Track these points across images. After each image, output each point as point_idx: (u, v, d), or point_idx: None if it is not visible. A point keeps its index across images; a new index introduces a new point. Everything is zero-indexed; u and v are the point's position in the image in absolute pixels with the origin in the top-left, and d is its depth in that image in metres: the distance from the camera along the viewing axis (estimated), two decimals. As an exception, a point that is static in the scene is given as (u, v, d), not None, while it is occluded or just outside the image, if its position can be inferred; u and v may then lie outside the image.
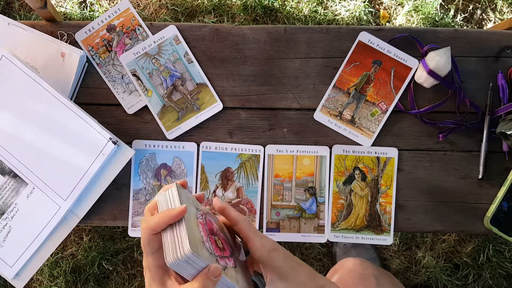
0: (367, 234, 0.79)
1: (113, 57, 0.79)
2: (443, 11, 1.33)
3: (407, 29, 0.79)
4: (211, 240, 0.47)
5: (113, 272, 1.31)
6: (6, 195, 0.74)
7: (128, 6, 0.79)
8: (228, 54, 0.79)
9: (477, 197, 0.79)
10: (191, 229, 0.44)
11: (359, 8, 1.31)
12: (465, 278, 1.31)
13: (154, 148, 0.78)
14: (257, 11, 1.30)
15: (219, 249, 0.47)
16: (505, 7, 1.36)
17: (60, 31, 0.78)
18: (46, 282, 1.29)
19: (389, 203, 0.79)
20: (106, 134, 0.72)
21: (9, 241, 0.73)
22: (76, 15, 1.32)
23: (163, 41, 0.78)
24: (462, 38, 0.79)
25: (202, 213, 0.50)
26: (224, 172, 0.79)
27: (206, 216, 0.50)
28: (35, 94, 0.72)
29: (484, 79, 0.79)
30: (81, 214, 0.74)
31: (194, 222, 0.46)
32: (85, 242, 1.30)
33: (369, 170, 0.79)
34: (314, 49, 0.79)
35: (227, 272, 0.46)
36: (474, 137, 0.79)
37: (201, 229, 0.47)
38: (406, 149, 0.79)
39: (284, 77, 0.79)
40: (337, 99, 0.79)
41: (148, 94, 0.78)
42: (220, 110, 0.79)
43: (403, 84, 0.78)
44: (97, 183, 0.74)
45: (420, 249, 1.32)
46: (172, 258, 0.42)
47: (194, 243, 0.43)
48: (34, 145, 0.72)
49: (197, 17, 1.32)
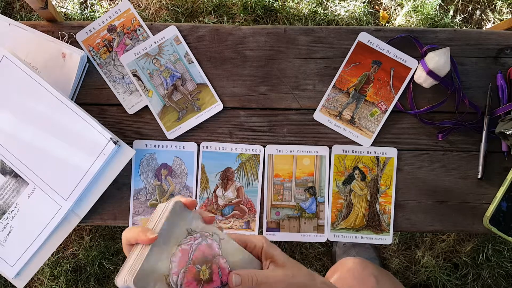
0: (367, 233, 0.79)
1: (114, 58, 0.79)
2: (442, 12, 1.34)
3: (406, 30, 0.80)
4: (189, 271, 0.45)
5: (114, 272, 1.32)
6: (7, 195, 0.74)
7: (129, 7, 0.79)
8: (228, 55, 0.79)
9: (476, 197, 0.79)
10: (155, 259, 0.43)
11: (359, 9, 1.32)
12: (465, 277, 1.32)
13: (154, 148, 0.79)
14: (257, 12, 1.30)
15: (197, 282, 0.45)
16: (504, 8, 1.36)
17: (61, 31, 0.79)
18: (47, 282, 1.30)
19: (388, 203, 0.79)
20: (107, 134, 0.72)
21: (10, 241, 0.74)
22: (77, 16, 1.32)
23: (163, 42, 0.79)
24: (462, 39, 0.80)
25: (195, 238, 0.47)
26: (224, 172, 0.79)
27: (204, 239, 0.48)
28: (36, 94, 0.72)
29: (483, 79, 0.79)
30: (82, 213, 0.75)
31: (168, 252, 0.44)
32: (86, 242, 1.30)
33: (369, 170, 0.79)
34: (314, 49, 0.80)
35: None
36: (473, 137, 0.79)
37: (177, 259, 0.45)
38: (406, 149, 0.80)
39: (284, 77, 0.80)
40: (337, 99, 0.79)
41: (149, 94, 0.79)
42: (220, 110, 0.79)
43: (403, 84, 0.79)
44: (98, 183, 0.74)
45: (419, 248, 1.32)
46: (119, 279, 0.43)
47: (143, 277, 0.41)
48: (35, 145, 0.73)
49: (197, 17, 1.32)
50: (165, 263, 0.44)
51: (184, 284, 0.45)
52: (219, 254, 0.48)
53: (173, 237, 0.45)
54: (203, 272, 0.46)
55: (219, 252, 0.48)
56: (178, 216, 0.46)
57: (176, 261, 0.45)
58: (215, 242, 0.48)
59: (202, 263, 0.47)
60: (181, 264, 0.45)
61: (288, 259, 0.50)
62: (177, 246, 0.45)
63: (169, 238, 0.45)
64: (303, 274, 0.49)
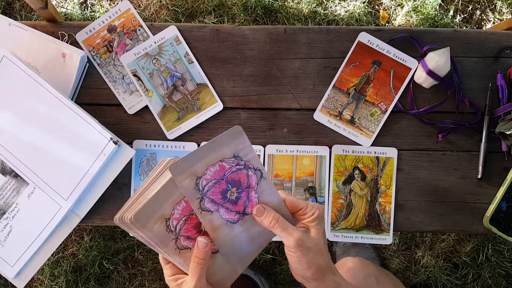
0: (367, 233, 0.79)
1: (114, 58, 0.79)
2: (442, 12, 1.34)
3: (406, 30, 0.80)
4: (190, 220, 0.49)
5: (114, 272, 1.32)
6: (7, 195, 0.74)
7: (129, 7, 0.80)
8: (228, 55, 0.79)
9: (476, 197, 0.79)
10: (158, 204, 0.46)
11: (359, 9, 1.32)
12: (465, 277, 1.32)
13: (154, 148, 0.79)
14: (257, 12, 1.30)
15: (196, 231, 0.49)
16: (504, 8, 1.36)
17: (61, 31, 0.79)
18: (47, 282, 1.30)
19: (388, 203, 0.79)
20: (107, 134, 0.72)
21: (10, 241, 0.74)
22: (77, 16, 1.32)
23: (163, 42, 0.79)
24: (462, 39, 0.80)
25: (238, 163, 0.50)
26: (224, 172, 0.79)
27: (246, 169, 0.50)
28: (36, 94, 0.72)
29: (483, 79, 0.79)
30: (82, 213, 0.75)
31: (173, 200, 0.47)
32: (86, 242, 1.30)
33: (369, 170, 0.79)
34: (314, 49, 0.80)
35: (186, 253, 0.49)
36: (473, 137, 0.79)
37: (181, 208, 0.48)
38: (406, 149, 0.80)
39: (284, 77, 0.80)
40: (337, 99, 0.79)
41: (149, 94, 0.79)
42: (220, 110, 0.79)
43: (403, 84, 0.79)
44: (98, 183, 0.74)
45: (419, 248, 1.32)
46: (117, 216, 0.47)
47: (143, 215, 0.45)
48: (35, 145, 0.73)
49: (197, 17, 1.32)
50: (166, 209, 0.47)
51: (184, 229, 0.48)
52: (254, 188, 0.51)
53: (175, 189, 0.47)
54: (231, 192, 0.50)
55: (254, 186, 0.51)
56: (233, 137, 0.48)
57: (180, 209, 0.48)
58: (255, 176, 0.51)
59: (234, 185, 0.49)
60: (183, 213, 0.48)
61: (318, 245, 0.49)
62: (218, 161, 0.48)
63: (171, 189, 0.47)
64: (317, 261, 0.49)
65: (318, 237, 0.49)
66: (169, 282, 0.52)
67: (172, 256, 0.49)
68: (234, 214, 0.50)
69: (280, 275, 1.31)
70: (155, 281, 1.31)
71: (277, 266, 1.31)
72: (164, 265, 0.53)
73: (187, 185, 0.46)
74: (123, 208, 0.48)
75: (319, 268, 0.49)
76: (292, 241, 0.48)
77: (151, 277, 1.31)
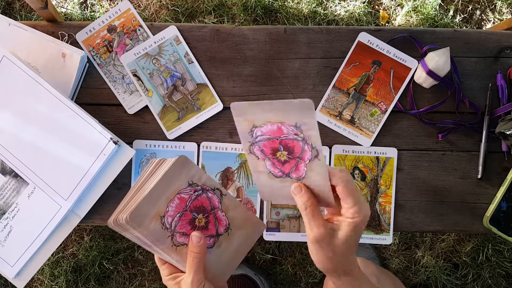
0: (367, 233, 0.79)
1: (114, 58, 0.79)
2: (442, 12, 1.34)
3: (406, 30, 0.80)
4: (185, 216, 0.50)
5: (114, 272, 1.32)
6: (7, 195, 0.74)
7: (129, 7, 0.80)
8: (228, 55, 0.79)
9: (476, 197, 0.79)
10: (152, 202, 0.47)
11: (359, 9, 1.32)
12: (465, 277, 1.32)
13: (154, 148, 0.79)
14: (257, 12, 1.30)
15: (191, 227, 0.51)
16: (504, 8, 1.36)
17: (61, 31, 0.79)
18: (47, 282, 1.30)
19: (388, 203, 0.79)
20: (107, 134, 0.72)
21: (10, 241, 0.74)
22: (77, 16, 1.32)
23: (163, 42, 0.79)
24: (461, 39, 0.80)
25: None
26: (224, 172, 0.79)
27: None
28: (36, 94, 0.72)
29: (483, 79, 0.79)
30: (82, 213, 0.75)
31: (166, 197, 0.49)
32: (86, 242, 1.30)
33: (369, 170, 0.79)
34: (314, 49, 0.80)
35: (182, 250, 0.50)
36: (473, 137, 0.79)
37: (174, 205, 0.49)
38: (406, 149, 0.80)
39: (284, 77, 0.80)
40: (337, 99, 0.79)
41: (149, 94, 0.79)
42: (220, 110, 0.79)
43: (403, 84, 0.79)
44: (98, 182, 0.74)
45: (419, 248, 1.32)
46: (111, 219, 0.48)
47: (138, 214, 0.46)
48: (35, 145, 0.73)
49: (197, 17, 1.32)
50: (160, 207, 0.49)
51: (179, 226, 0.50)
52: (218, 207, 0.53)
53: (173, 186, 0.49)
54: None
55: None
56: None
57: (173, 206, 0.49)
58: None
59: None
60: (178, 209, 0.50)
61: (336, 247, 0.47)
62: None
63: (168, 186, 0.49)
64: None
65: (341, 242, 0.47)
66: (167, 282, 0.52)
67: (169, 254, 0.50)
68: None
69: (280, 275, 1.31)
70: (155, 281, 1.31)
71: (277, 266, 1.31)
72: (161, 265, 0.53)
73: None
74: (116, 211, 0.49)
75: (328, 267, 0.49)
76: (310, 235, 0.48)
77: (151, 277, 1.32)
